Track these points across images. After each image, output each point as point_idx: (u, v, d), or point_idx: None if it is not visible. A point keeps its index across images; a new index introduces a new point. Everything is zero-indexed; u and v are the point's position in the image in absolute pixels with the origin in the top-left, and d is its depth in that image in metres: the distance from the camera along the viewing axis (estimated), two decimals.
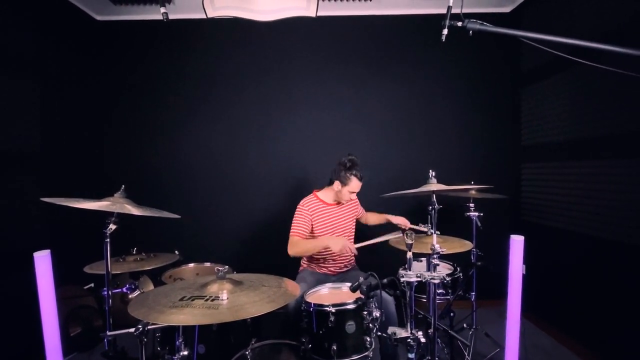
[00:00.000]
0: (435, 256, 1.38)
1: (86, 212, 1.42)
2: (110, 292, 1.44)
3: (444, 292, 2.08)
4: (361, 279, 1.34)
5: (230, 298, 1.13)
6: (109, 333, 1.34)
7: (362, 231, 2.40)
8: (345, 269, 2.23)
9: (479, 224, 2.20)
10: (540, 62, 2.77)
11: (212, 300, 1.11)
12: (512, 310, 1.56)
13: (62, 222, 2.47)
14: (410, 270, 1.37)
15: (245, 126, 3.03)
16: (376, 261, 2.34)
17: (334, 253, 2.12)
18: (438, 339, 1.95)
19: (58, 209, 1.55)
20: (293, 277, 2.14)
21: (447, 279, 1.80)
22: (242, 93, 3.03)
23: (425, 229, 1.86)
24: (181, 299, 1.12)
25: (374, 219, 2.42)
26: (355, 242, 2.24)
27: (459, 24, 1.45)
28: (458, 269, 2.17)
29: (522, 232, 1.40)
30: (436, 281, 1.35)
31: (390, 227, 2.18)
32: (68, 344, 2.56)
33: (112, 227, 1.38)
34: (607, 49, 1.32)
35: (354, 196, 2.18)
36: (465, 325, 2.37)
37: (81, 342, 2.57)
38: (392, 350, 1.83)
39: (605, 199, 2.14)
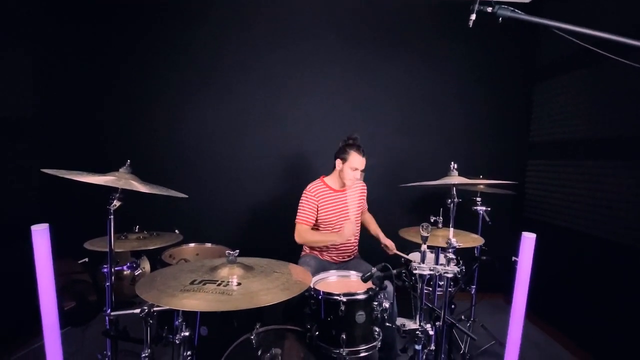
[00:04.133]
0: (450, 250, 1.35)
1: (87, 186, 1.34)
2: (112, 270, 1.39)
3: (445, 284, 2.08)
4: (374, 269, 1.31)
5: (243, 284, 1.09)
6: (112, 313, 1.29)
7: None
8: (347, 258, 2.21)
9: (487, 218, 2.19)
10: (557, 58, 2.70)
11: (225, 285, 1.07)
12: (517, 307, 1.55)
13: (61, 195, 2.38)
14: (423, 263, 1.35)
15: (251, 106, 2.92)
16: (378, 250, 2.33)
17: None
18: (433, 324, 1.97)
19: (57, 182, 1.47)
20: (295, 262, 2.12)
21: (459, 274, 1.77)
22: (248, 73, 2.91)
23: (410, 258, 1.83)
24: (192, 283, 1.08)
25: (368, 222, 2.31)
26: (360, 238, 2.22)
27: (489, 9, 1.37)
28: (461, 262, 2.16)
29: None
30: (450, 275, 1.33)
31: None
32: (62, 318, 2.53)
33: (117, 203, 1.31)
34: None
35: (359, 175, 2.03)
36: (463, 317, 2.40)
37: (75, 316, 2.53)
38: (390, 339, 1.84)
39: (612, 200, 2.13)
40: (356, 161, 1.99)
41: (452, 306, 2.16)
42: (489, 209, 2.25)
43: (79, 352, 2.19)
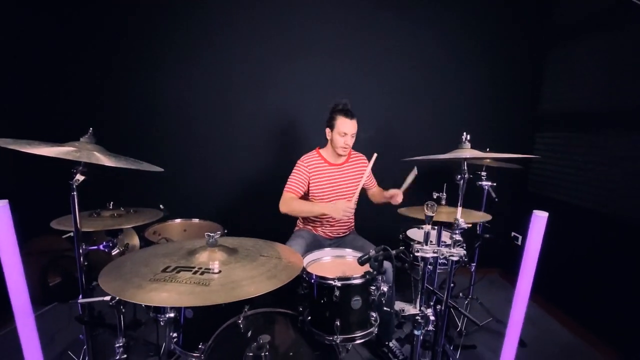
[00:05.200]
0: (457, 232, 1.22)
1: (49, 159, 1.17)
2: (81, 251, 1.25)
3: (445, 262, 1.99)
4: (372, 252, 1.18)
5: (224, 271, 0.96)
6: (81, 300, 1.17)
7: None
8: (342, 234, 2.10)
9: (493, 194, 2.05)
10: (578, 18, 2.45)
11: (202, 273, 0.93)
12: (522, 289, 1.46)
13: (23, 169, 2.18)
14: (427, 245, 1.23)
15: (239, 71, 2.66)
16: (374, 226, 2.21)
17: (332, 219, 1.98)
18: (434, 309, 1.90)
19: (17, 155, 1.29)
20: (288, 237, 2.00)
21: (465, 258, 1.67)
22: (236, 35, 2.62)
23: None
24: (164, 270, 0.94)
25: (376, 195, 2.12)
26: (356, 212, 2.06)
27: None
28: (461, 239, 2.06)
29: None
30: (455, 258, 1.21)
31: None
32: (48, 294, 2.46)
33: (80, 177, 1.14)
34: None
35: (349, 140, 1.87)
36: (461, 294, 2.34)
37: (61, 292, 2.46)
38: (387, 318, 1.77)
39: (624, 176, 2.01)
40: (344, 125, 1.83)
41: (452, 284, 2.08)
42: (494, 184, 2.11)
43: (65, 329, 2.12)
